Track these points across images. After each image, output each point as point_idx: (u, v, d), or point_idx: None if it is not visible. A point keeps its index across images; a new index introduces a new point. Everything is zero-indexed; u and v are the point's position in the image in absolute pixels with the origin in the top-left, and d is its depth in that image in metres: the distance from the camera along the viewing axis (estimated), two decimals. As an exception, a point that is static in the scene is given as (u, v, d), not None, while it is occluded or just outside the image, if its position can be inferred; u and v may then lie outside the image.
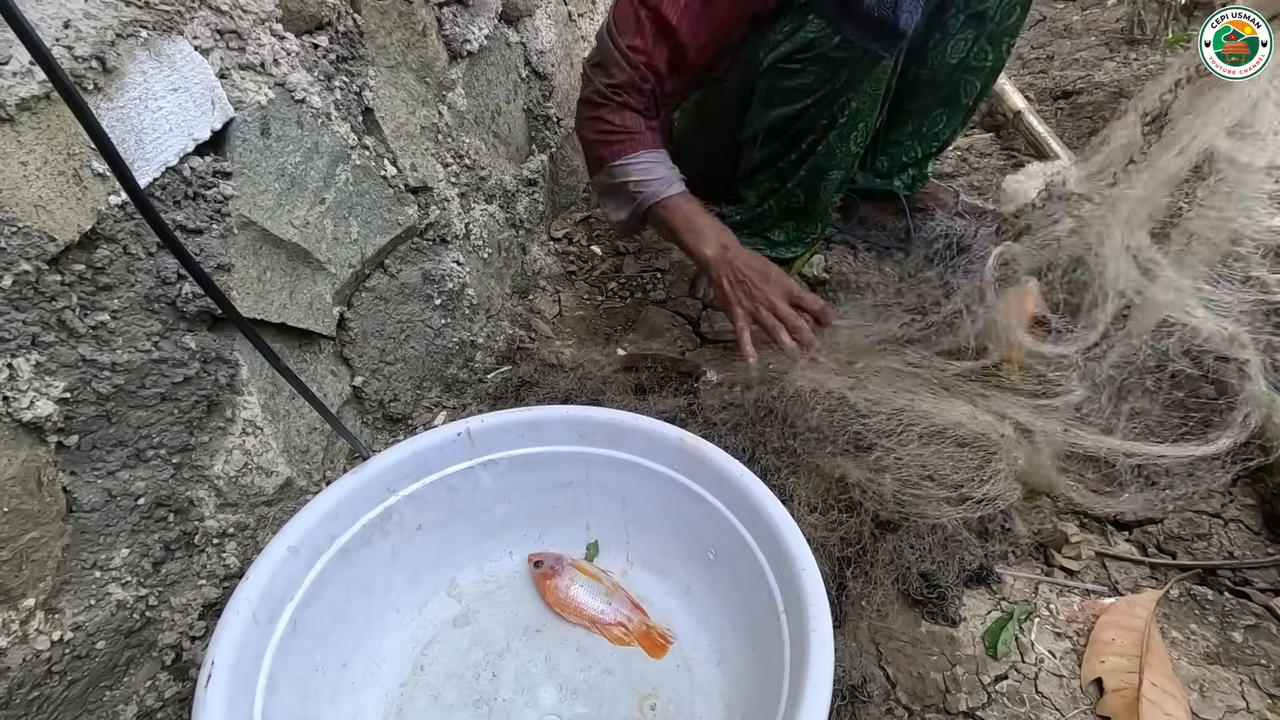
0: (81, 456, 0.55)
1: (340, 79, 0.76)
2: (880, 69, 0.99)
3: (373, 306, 0.86)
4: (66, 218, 0.49)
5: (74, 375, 0.52)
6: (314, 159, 0.72)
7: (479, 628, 0.74)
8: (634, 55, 0.96)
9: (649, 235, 1.47)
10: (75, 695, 0.56)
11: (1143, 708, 0.62)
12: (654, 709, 0.66)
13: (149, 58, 0.54)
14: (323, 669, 0.65)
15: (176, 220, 0.58)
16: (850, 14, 0.92)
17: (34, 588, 0.51)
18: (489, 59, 1.08)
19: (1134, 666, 0.66)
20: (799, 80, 0.99)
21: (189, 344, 0.60)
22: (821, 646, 0.53)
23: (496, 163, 1.13)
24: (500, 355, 1.12)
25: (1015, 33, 1.16)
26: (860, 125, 1.06)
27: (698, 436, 0.72)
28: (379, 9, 0.80)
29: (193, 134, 0.58)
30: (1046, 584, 0.75)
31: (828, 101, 1.01)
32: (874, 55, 0.96)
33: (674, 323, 1.22)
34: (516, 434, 0.76)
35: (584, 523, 0.80)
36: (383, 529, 0.71)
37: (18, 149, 0.46)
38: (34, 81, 0.46)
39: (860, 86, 1.00)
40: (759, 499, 0.65)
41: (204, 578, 0.66)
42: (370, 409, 0.89)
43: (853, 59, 0.96)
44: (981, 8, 1.09)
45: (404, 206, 0.88)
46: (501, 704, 0.67)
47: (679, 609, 0.74)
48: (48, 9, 0.47)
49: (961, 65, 1.16)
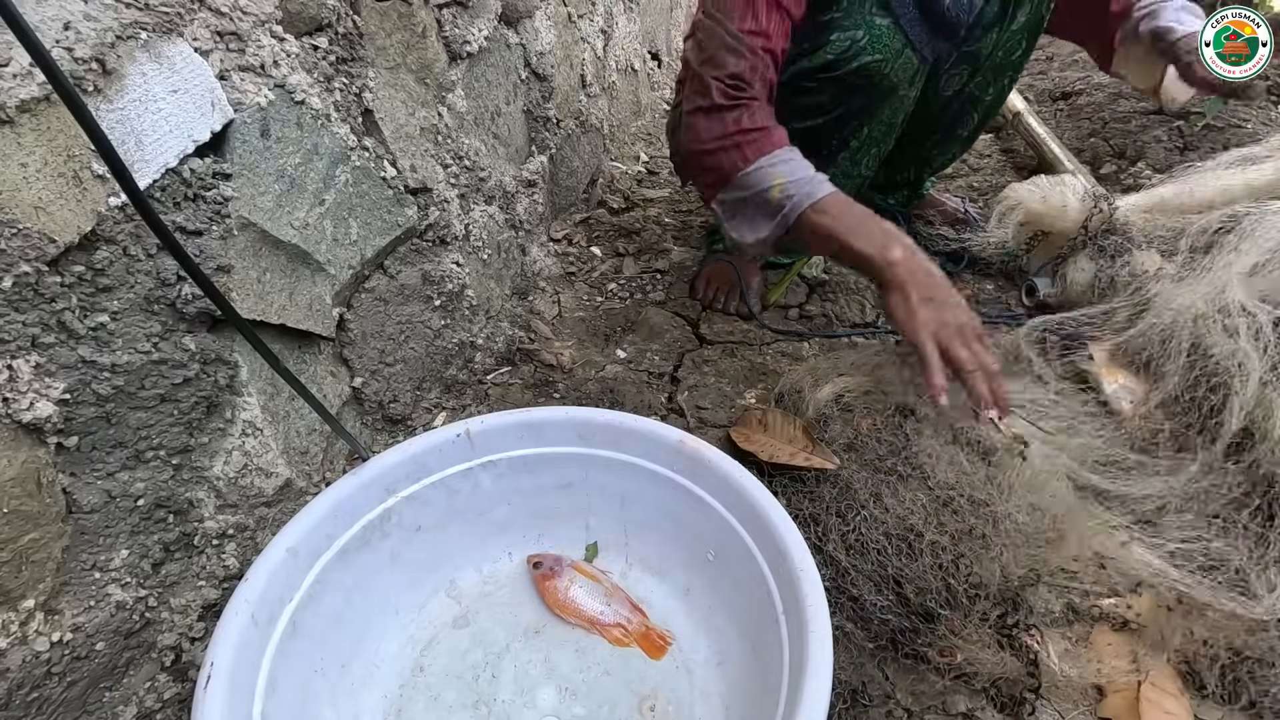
0: (81, 458, 0.55)
1: (340, 80, 0.76)
2: (897, 99, 0.99)
3: (372, 308, 0.86)
4: (66, 219, 0.50)
5: (74, 376, 0.52)
6: (314, 160, 0.72)
7: (478, 629, 0.74)
8: (751, 39, 0.84)
9: (648, 236, 1.47)
10: (75, 696, 0.56)
11: (1143, 707, 0.62)
12: (653, 710, 0.66)
13: (149, 59, 0.54)
14: (322, 670, 0.65)
15: (176, 222, 0.58)
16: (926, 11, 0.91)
17: (33, 589, 0.51)
18: (489, 60, 1.08)
19: (1134, 667, 0.66)
20: (814, 99, 0.98)
21: (189, 345, 0.60)
22: (820, 648, 0.53)
23: (496, 164, 1.13)
24: (500, 356, 1.12)
25: (1019, 67, 1.14)
26: (873, 151, 1.05)
27: (697, 438, 0.72)
28: (379, 10, 0.80)
29: (192, 135, 0.58)
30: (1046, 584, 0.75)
31: (840, 123, 1.00)
32: (891, 85, 0.95)
33: (674, 324, 1.22)
34: (516, 435, 0.76)
35: (584, 524, 0.80)
36: (382, 530, 0.71)
37: (17, 151, 0.46)
38: (34, 83, 0.46)
39: (878, 114, 0.99)
40: (758, 501, 0.66)
41: (203, 579, 0.66)
42: (370, 410, 0.89)
43: (870, 85, 0.95)
44: (974, 48, 1.08)
45: (403, 208, 0.88)
46: (501, 705, 0.67)
47: (678, 610, 0.74)
48: (48, 11, 0.47)
49: (958, 97, 1.14)
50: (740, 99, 0.85)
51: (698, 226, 1.52)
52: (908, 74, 0.97)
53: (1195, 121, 1.60)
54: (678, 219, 1.57)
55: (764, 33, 0.84)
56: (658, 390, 1.08)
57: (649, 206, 1.63)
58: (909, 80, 0.98)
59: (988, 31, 1.06)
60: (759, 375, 1.09)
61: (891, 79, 0.96)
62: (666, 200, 1.65)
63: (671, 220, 1.57)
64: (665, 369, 1.12)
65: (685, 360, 1.14)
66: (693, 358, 1.14)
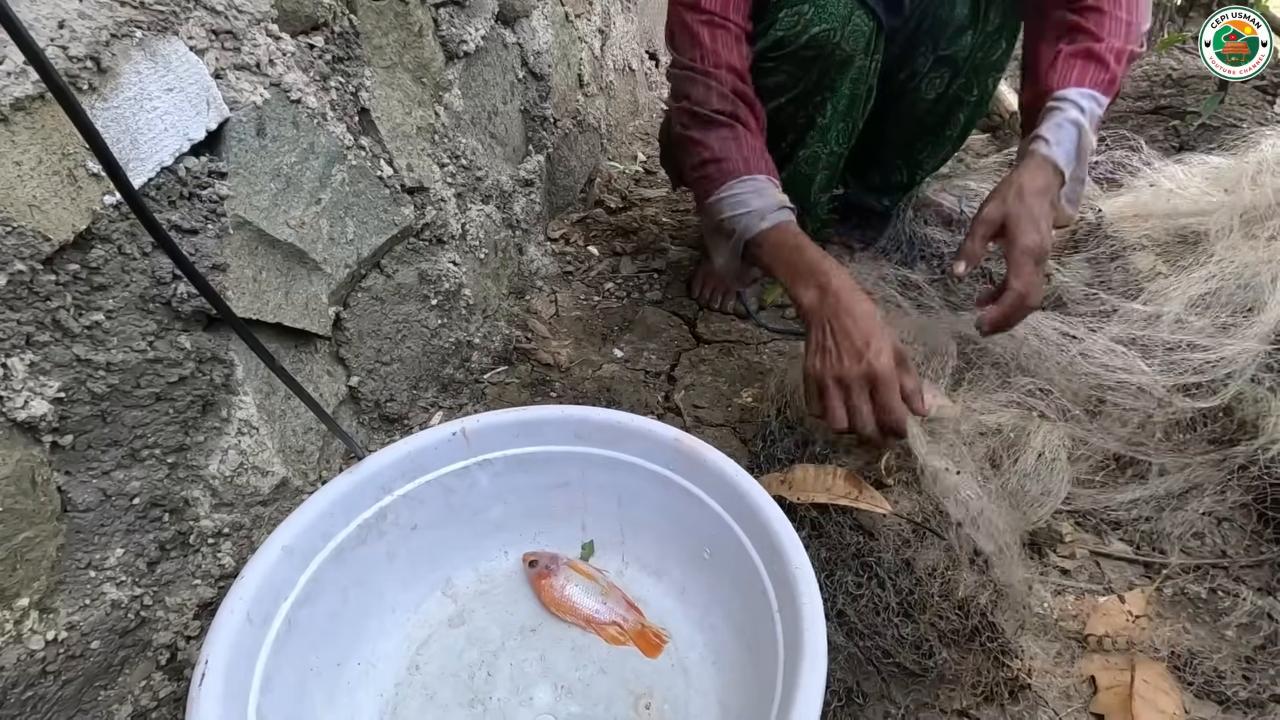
0: (76, 456, 0.55)
1: (336, 79, 0.76)
2: (856, 69, 0.98)
3: (369, 307, 0.86)
4: (61, 217, 0.50)
5: (69, 375, 0.52)
6: (310, 159, 0.72)
7: (474, 627, 0.74)
8: (702, 64, 0.90)
9: (645, 235, 1.48)
10: (70, 695, 0.56)
11: (1135, 705, 0.62)
12: (649, 708, 0.66)
13: (144, 58, 0.54)
14: (318, 669, 0.65)
15: (171, 220, 0.58)
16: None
17: (28, 587, 0.51)
18: (485, 59, 1.08)
19: (1127, 664, 0.66)
20: (774, 79, 0.98)
21: (184, 344, 0.60)
22: (815, 646, 0.53)
23: (493, 163, 1.13)
24: (497, 355, 1.12)
25: (1001, 67, 1.13)
26: (840, 125, 1.04)
27: (694, 437, 0.72)
28: (375, 9, 0.80)
29: (188, 134, 0.58)
30: (1040, 583, 0.75)
31: (803, 100, 1.00)
32: (845, 55, 0.95)
33: (671, 323, 1.22)
34: (512, 434, 0.76)
35: (580, 523, 0.80)
36: (378, 529, 0.71)
37: (12, 149, 0.46)
38: (28, 82, 0.46)
39: (838, 87, 0.99)
40: (755, 500, 0.66)
41: (199, 577, 0.66)
42: (366, 409, 0.89)
43: (823, 56, 0.95)
44: (950, 51, 1.07)
45: (400, 207, 0.88)
46: (496, 703, 0.67)
47: (674, 609, 0.74)
48: (42, 9, 0.47)
49: (942, 99, 1.14)
50: (700, 124, 0.91)
51: (695, 226, 1.52)
52: (861, 41, 0.95)
53: (1191, 121, 1.60)
54: (675, 218, 1.57)
55: (712, 51, 0.89)
56: (654, 389, 1.08)
57: (646, 206, 1.63)
58: (864, 48, 0.96)
59: (962, 34, 1.05)
60: (756, 374, 1.09)
61: (844, 47, 0.95)
62: (664, 200, 1.65)
63: (669, 220, 1.57)
64: (662, 368, 1.12)
65: (682, 359, 1.14)
66: (689, 357, 1.14)
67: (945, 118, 1.17)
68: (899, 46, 1.08)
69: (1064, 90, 0.89)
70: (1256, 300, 0.92)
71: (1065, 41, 0.92)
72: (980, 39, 1.06)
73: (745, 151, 0.90)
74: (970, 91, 1.13)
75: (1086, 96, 0.89)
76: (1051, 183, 0.87)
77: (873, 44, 0.98)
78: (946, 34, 1.05)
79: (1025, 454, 0.80)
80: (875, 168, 1.30)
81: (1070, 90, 0.89)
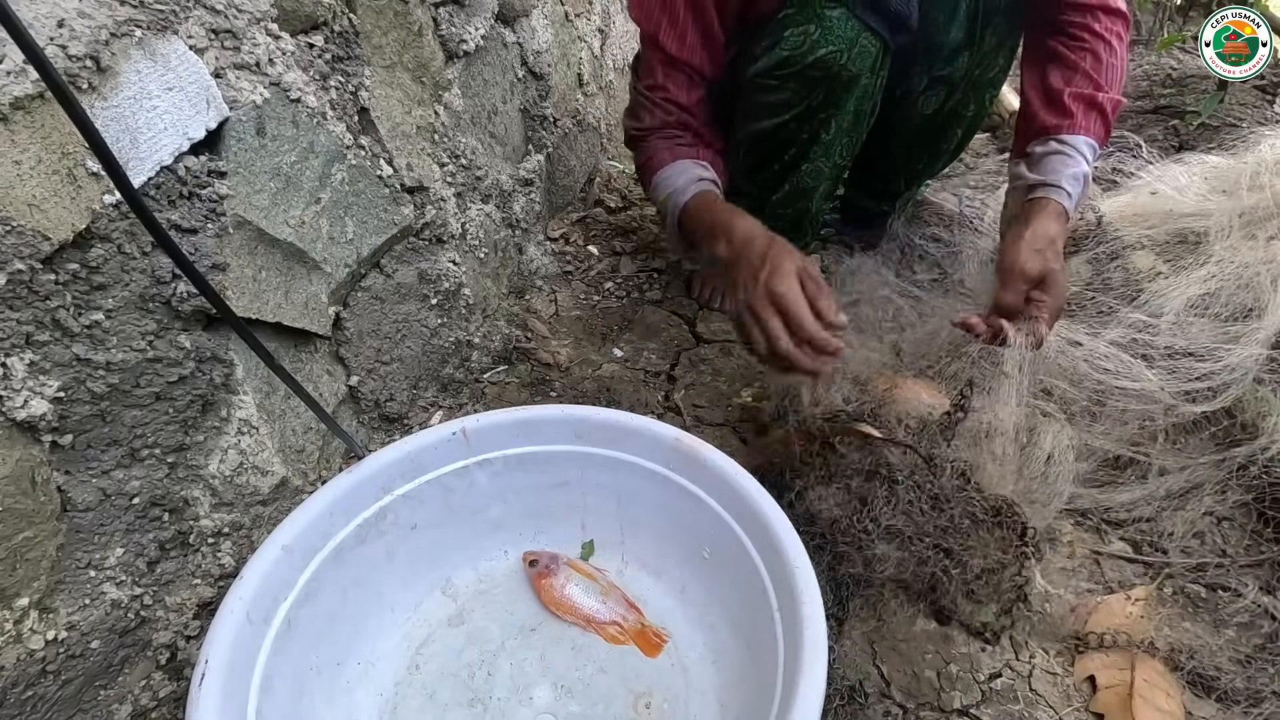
0: (76, 456, 0.55)
1: (336, 79, 0.76)
2: (861, 88, 0.98)
3: (369, 306, 0.86)
4: (61, 217, 0.49)
5: (68, 374, 0.52)
6: (309, 158, 0.72)
7: (474, 627, 0.74)
8: (651, 94, 0.98)
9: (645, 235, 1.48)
10: (70, 694, 0.56)
11: (1135, 704, 0.62)
12: (649, 708, 0.66)
13: (144, 57, 0.54)
14: (317, 668, 0.65)
15: (171, 220, 0.58)
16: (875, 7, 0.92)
17: (28, 587, 0.51)
18: (485, 59, 1.08)
19: (1127, 663, 0.66)
20: (777, 95, 0.98)
21: (184, 343, 0.60)
22: (815, 645, 0.53)
23: (493, 163, 1.13)
24: (496, 355, 1.12)
25: (998, 84, 1.13)
26: (844, 140, 1.04)
27: (694, 436, 0.72)
28: (374, 9, 0.80)
29: (188, 133, 0.58)
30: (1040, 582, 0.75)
31: (807, 117, 1.00)
32: (851, 75, 0.95)
33: (670, 323, 1.22)
34: (512, 433, 0.76)
35: (579, 522, 0.80)
36: (378, 528, 0.71)
37: (11, 148, 0.46)
38: (28, 81, 0.46)
39: (843, 105, 0.99)
40: (754, 499, 0.66)
41: (199, 577, 0.66)
42: (366, 409, 0.89)
43: (829, 77, 0.95)
44: (946, 71, 1.07)
45: (400, 206, 0.88)
46: (496, 703, 0.67)
47: (674, 608, 0.74)
48: (41, 8, 0.47)
49: (938, 114, 1.14)
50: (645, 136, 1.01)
51: (695, 225, 1.52)
52: (867, 61, 0.95)
53: (1190, 120, 1.60)
54: (675, 218, 1.57)
55: (661, 86, 0.98)
56: (654, 389, 1.08)
57: (646, 205, 1.63)
58: (870, 68, 0.96)
59: (958, 54, 1.05)
60: (755, 374, 1.09)
61: (850, 68, 0.94)
62: (664, 199, 1.65)
63: (669, 219, 1.57)
64: (662, 367, 1.12)
65: (682, 359, 1.14)
66: (689, 356, 1.14)
67: (942, 131, 1.17)
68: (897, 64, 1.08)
69: (1073, 137, 0.93)
70: (1256, 301, 0.92)
71: (1065, 80, 0.95)
72: (977, 58, 1.06)
73: (674, 147, 0.99)
74: (967, 107, 1.14)
75: (1090, 147, 0.93)
76: (1065, 231, 0.92)
77: (879, 63, 0.99)
78: (942, 55, 1.05)
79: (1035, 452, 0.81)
80: (874, 175, 1.30)
81: (1079, 139, 0.93)
